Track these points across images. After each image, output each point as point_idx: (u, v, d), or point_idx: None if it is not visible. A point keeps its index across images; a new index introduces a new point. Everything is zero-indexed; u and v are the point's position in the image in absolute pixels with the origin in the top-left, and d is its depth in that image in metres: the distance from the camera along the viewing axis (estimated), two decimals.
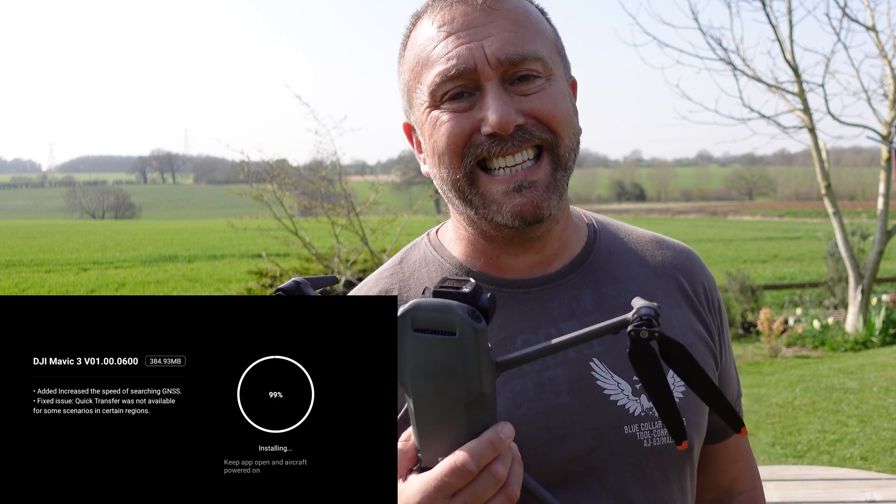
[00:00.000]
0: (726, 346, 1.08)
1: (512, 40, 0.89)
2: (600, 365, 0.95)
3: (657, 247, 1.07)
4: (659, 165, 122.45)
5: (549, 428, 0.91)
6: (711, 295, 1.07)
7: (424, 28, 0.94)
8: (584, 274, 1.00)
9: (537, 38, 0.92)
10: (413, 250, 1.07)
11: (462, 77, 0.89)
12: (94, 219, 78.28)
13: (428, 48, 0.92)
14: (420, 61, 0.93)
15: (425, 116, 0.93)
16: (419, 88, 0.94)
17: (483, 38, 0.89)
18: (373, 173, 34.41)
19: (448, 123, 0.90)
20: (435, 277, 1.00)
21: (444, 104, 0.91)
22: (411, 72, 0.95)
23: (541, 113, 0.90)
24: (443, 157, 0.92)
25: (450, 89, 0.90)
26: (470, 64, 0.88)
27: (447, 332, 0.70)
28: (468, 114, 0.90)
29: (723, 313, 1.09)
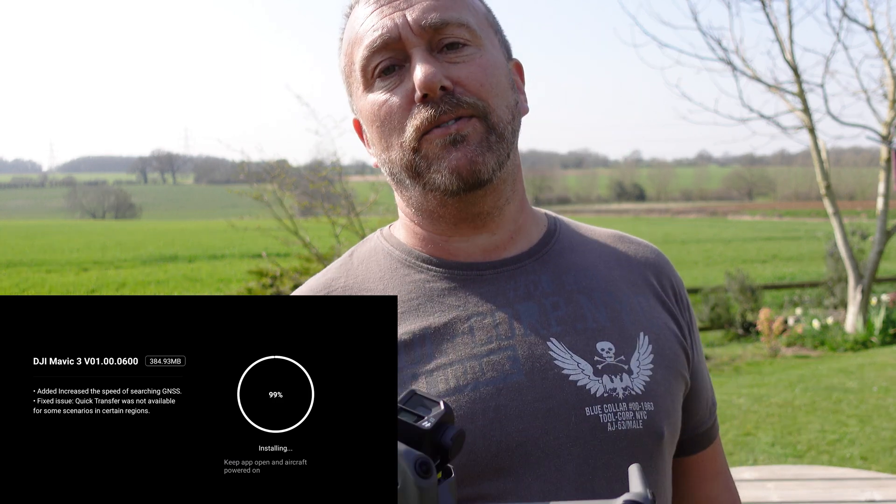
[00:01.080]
0: (697, 346, 1.02)
1: (434, 7, 0.89)
2: (558, 345, 0.89)
3: (621, 241, 1.04)
4: (659, 165, 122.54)
5: (498, 405, 0.85)
6: (679, 291, 1.03)
7: (356, 13, 0.94)
8: (542, 260, 0.96)
9: (462, 8, 0.91)
10: (364, 244, 1.04)
11: (388, 48, 0.89)
12: (94, 219, 78.33)
13: (356, 27, 0.92)
14: (351, 42, 0.94)
15: (364, 101, 0.92)
16: (353, 72, 0.94)
17: (406, 7, 0.89)
18: (373, 173, 34.36)
19: (386, 105, 0.89)
20: (384, 266, 0.97)
21: (376, 82, 0.90)
22: (346, 56, 0.95)
23: (467, 81, 0.88)
24: (385, 136, 0.91)
25: (379, 62, 0.89)
26: (394, 33, 0.88)
27: None
28: (400, 87, 0.89)
29: (692, 312, 1.04)
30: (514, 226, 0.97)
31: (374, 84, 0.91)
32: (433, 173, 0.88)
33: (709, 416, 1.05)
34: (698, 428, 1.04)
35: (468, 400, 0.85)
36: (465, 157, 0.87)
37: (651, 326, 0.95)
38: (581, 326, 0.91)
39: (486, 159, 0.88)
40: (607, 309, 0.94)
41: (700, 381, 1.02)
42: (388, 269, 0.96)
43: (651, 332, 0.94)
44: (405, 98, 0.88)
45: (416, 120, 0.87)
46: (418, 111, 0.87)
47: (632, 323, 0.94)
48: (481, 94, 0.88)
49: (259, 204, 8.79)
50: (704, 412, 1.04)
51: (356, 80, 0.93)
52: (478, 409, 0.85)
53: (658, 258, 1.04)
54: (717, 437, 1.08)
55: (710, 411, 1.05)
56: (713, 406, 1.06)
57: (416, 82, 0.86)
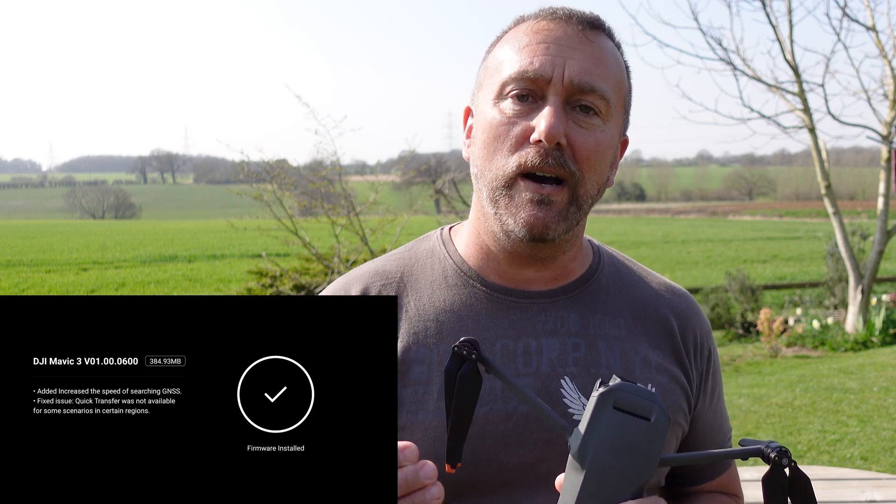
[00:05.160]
0: (709, 395, 1.09)
1: (590, 70, 0.95)
2: (570, 384, 0.98)
3: (658, 289, 1.10)
4: (659, 165, 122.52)
5: (506, 430, 0.95)
6: (701, 342, 1.09)
7: (524, 29, 1.00)
8: (575, 299, 1.04)
9: (612, 81, 0.98)
10: (424, 241, 1.11)
11: (534, 82, 0.95)
12: (94, 219, 78.27)
13: (519, 46, 0.98)
14: (508, 51, 0.99)
15: (488, 106, 0.99)
16: (494, 76, 0.99)
17: (568, 57, 0.95)
18: (373, 173, 34.43)
19: (505, 125, 0.96)
20: (437, 271, 1.05)
21: (508, 100, 0.97)
22: (495, 59, 1.01)
23: (579, 148, 0.95)
24: (491, 149, 0.97)
25: (519, 88, 0.96)
26: (547, 74, 0.94)
27: (643, 416, 0.75)
28: (525, 118, 0.95)
29: (712, 362, 1.10)
30: (561, 269, 1.05)
31: (504, 99, 0.97)
32: (510, 215, 0.96)
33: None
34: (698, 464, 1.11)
35: (483, 421, 0.95)
36: (542, 220, 0.95)
37: (659, 379, 1.03)
38: (595, 371, 0.99)
39: (557, 226, 0.96)
40: (623, 358, 1.01)
41: (704, 421, 1.09)
42: (440, 275, 1.05)
43: (658, 384, 1.02)
44: (523, 130, 0.95)
45: (522, 158, 0.94)
46: (527, 150, 0.94)
47: (642, 375, 1.02)
48: (583, 166, 0.96)
49: (259, 204, 8.78)
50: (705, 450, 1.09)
51: (492, 83, 0.99)
52: (489, 430, 0.95)
53: (687, 309, 1.10)
54: (725, 471, 1.14)
55: (714, 446, 1.10)
56: (724, 444, 1.13)
57: (540, 129, 0.93)
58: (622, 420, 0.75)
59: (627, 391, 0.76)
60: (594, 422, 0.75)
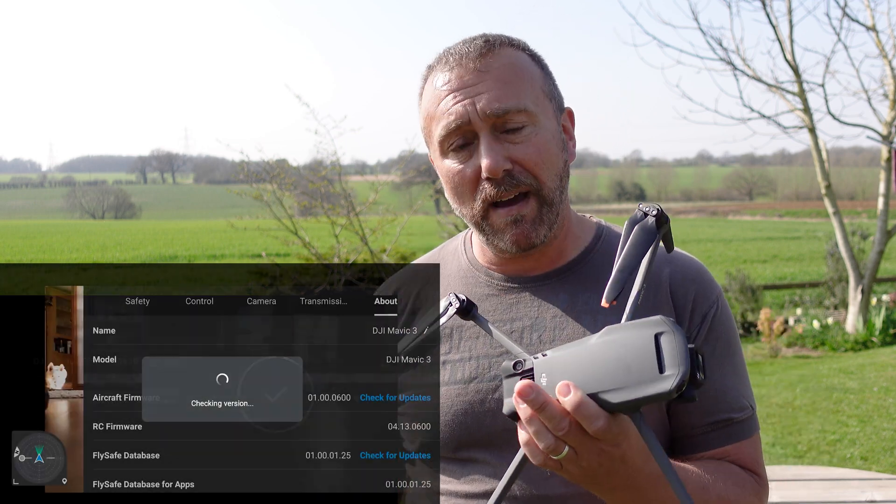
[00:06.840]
0: (707, 355, 1.08)
1: (497, 97, 1.07)
2: None
3: (661, 257, 1.11)
4: (659, 165, 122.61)
5: (494, 399, 1.08)
6: (695, 306, 1.11)
7: (432, 84, 1.13)
8: (566, 280, 1.14)
9: (522, 90, 1.08)
10: (453, 241, 1.29)
11: (460, 130, 1.08)
12: (94, 219, 78.31)
13: (434, 104, 1.11)
14: (429, 115, 1.13)
15: (440, 162, 1.13)
16: (431, 138, 1.14)
17: (474, 95, 1.07)
18: (373, 173, 34.44)
19: (457, 175, 1.10)
20: (456, 266, 1.22)
21: (450, 154, 1.11)
22: (424, 121, 1.15)
23: (524, 160, 1.07)
24: (458, 197, 1.12)
25: (453, 141, 1.09)
26: (465, 119, 1.07)
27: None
28: (470, 162, 1.09)
29: (712, 329, 1.11)
30: (555, 252, 1.16)
31: (448, 155, 1.11)
32: (497, 239, 1.11)
33: (706, 418, 1.09)
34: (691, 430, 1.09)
35: (475, 390, 1.10)
36: (523, 234, 1.09)
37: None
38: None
39: (538, 232, 1.10)
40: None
41: (707, 389, 1.07)
42: (458, 269, 1.22)
43: None
44: (474, 172, 1.09)
45: (483, 194, 1.09)
46: (484, 186, 1.08)
47: None
48: (536, 172, 1.08)
49: (259, 204, 8.79)
50: (697, 417, 1.09)
51: (433, 144, 1.14)
52: (478, 399, 1.09)
53: (684, 276, 1.13)
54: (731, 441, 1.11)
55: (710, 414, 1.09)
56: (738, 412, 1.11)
57: (483, 167, 1.06)
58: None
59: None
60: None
